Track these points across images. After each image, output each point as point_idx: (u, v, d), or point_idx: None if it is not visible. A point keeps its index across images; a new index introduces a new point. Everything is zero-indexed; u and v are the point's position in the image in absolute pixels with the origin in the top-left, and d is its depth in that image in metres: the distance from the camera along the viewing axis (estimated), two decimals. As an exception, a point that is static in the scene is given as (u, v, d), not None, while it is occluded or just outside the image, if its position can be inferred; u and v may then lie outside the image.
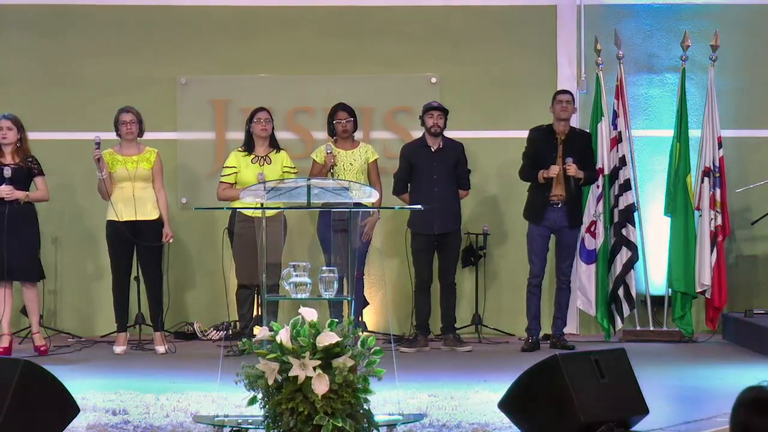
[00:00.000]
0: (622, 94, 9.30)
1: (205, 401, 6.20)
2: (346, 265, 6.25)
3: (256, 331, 7.17)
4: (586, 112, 9.47)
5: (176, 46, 9.66)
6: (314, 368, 4.81)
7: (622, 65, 9.33)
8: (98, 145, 8.33)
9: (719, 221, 9.16)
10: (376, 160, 8.84)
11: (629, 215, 9.16)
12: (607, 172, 9.19)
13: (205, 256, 9.51)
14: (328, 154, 8.61)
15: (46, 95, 9.57)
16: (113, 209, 8.41)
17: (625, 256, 9.11)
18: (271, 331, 4.99)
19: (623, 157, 9.21)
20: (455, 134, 8.92)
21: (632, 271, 9.13)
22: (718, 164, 9.19)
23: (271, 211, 7.28)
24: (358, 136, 9.05)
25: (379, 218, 8.85)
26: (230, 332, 8.98)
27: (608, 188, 9.20)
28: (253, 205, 6.88)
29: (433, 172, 8.67)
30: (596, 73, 9.36)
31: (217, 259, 8.77)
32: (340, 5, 9.69)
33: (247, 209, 7.95)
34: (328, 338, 4.86)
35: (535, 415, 5.11)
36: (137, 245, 8.46)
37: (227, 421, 5.31)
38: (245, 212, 8.20)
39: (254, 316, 8.57)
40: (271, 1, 9.70)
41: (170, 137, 9.54)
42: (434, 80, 9.64)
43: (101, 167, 8.38)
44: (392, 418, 5.39)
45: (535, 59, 9.67)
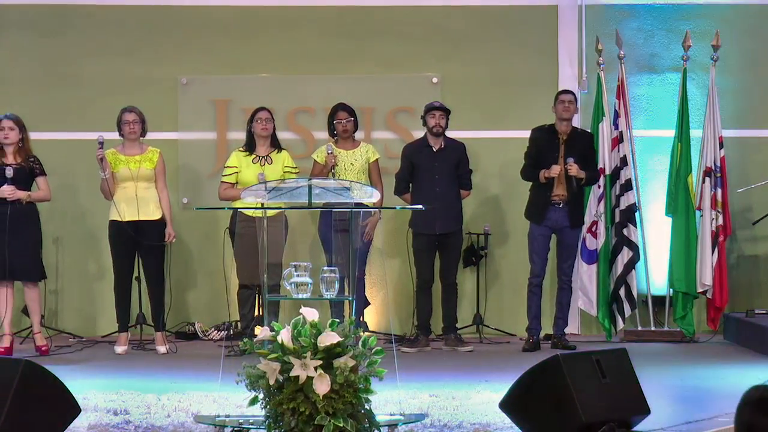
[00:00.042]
0: (623, 94, 9.30)
1: (206, 401, 6.20)
2: (347, 265, 6.24)
3: (257, 331, 7.19)
4: (587, 112, 9.46)
5: (177, 46, 9.66)
6: (315, 368, 4.81)
7: (623, 65, 9.33)
8: (101, 144, 8.32)
9: (720, 221, 9.15)
10: (377, 159, 8.84)
11: (630, 215, 9.16)
12: (608, 172, 9.19)
13: (206, 256, 9.51)
14: (329, 154, 8.61)
15: (46, 95, 9.57)
16: (116, 209, 8.40)
17: (626, 256, 9.11)
18: (272, 331, 4.98)
19: (624, 157, 9.21)
20: (456, 134, 8.92)
21: (633, 271, 9.13)
22: (719, 164, 9.18)
23: (272, 211, 7.29)
24: (359, 136, 9.05)
25: (380, 218, 8.84)
26: (231, 332, 8.98)
27: (609, 188, 9.20)
28: (254, 205, 6.87)
29: (434, 172, 8.67)
30: (597, 73, 9.36)
31: (218, 259, 8.77)
32: (341, 5, 9.69)
33: (248, 209, 7.95)
34: (329, 338, 4.86)
35: (536, 415, 5.11)
36: (140, 245, 8.45)
37: (228, 421, 5.31)
38: (246, 212, 8.19)
39: (255, 316, 8.57)
40: (272, 1, 9.70)
41: (171, 137, 9.54)
42: (435, 80, 9.63)
43: (104, 167, 8.37)
44: (393, 418, 5.38)
45: (536, 59, 9.66)
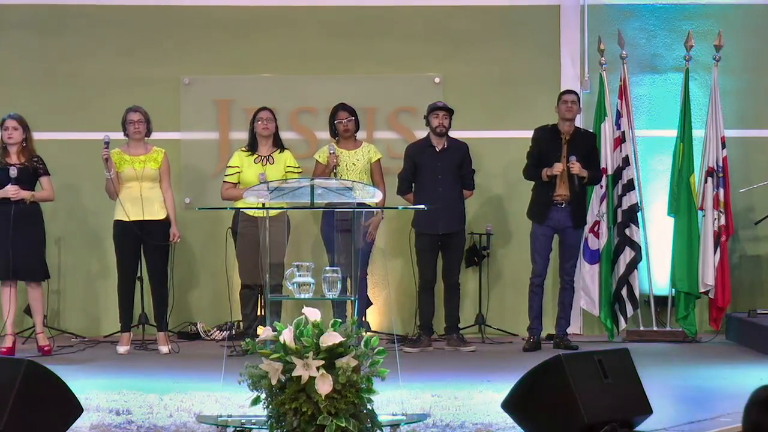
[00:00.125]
0: (625, 93, 9.29)
1: (208, 401, 6.20)
2: (349, 265, 6.25)
3: (259, 331, 7.18)
4: (589, 112, 9.46)
5: (179, 46, 9.66)
6: (318, 368, 4.81)
7: (625, 65, 9.32)
8: (107, 144, 8.32)
9: (722, 221, 9.15)
10: (379, 159, 8.84)
11: (632, 215, 9.16)
12: (610, 172, 9.19)
13: (208, 256, 9.50)
14: (330, 154, 8.60)
15: (48, 95, 9.57)
16: (122, 209, 8.40)
17: (628, 256, 9.11)
18: (274, 331, 4.98)
19: (626, 157, 9.20)
20: (459, 134, 8.91)
21: (635, 271, 9.13)
22: (721, 164, 9.18)
23: (274, 211, 7.29)
24: (361, 136, 9.05)
25: (382, 218, 8.84)
26: (233, 332, 8.98)
27: (611, 188, 9.20)
28: (256, 205, 6.87)
29: (437, 172, 8.67)
30: (600, 73, 9.36)
31: (220, 259, 8.78)
32: (343, 5, 9.69)
33: (250, 209, 7.95)
34: (331, 338, 4.86)
35: (538, 415, 5.11)
36: (144, 245, 8.45)
37: (231, 421, 5.31)
38: (248, 212, 8.19)
39: (257, 316, 8.56)
40: (274, 1, 9.69)
41: (173, 137, 9.53)
42: (437, 80, 9.63)
43: (109, 167, 8.37)
44: (396, 418, 5.39)
45: (538, 59, 9.66)
